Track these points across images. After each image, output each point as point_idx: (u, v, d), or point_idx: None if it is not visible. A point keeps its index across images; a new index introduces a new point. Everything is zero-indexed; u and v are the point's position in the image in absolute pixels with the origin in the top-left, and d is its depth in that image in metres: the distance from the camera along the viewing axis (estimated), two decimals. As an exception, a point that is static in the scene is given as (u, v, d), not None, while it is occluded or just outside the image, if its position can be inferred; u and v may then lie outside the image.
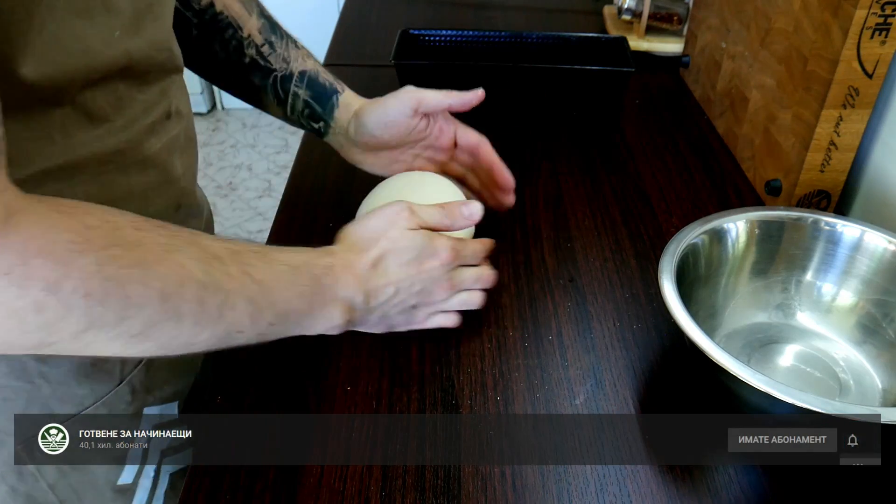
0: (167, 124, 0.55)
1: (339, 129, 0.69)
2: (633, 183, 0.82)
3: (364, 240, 0.54)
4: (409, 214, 0.55)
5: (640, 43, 1.11)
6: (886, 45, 0.64)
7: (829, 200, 0.74)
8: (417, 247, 0.54)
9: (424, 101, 0.65)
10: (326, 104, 0.69)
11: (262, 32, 0.67)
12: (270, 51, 0.67)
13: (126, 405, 0.57)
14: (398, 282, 0.54)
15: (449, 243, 0.56)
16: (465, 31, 1.00)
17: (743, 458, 0.52)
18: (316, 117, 0.69)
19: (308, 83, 0.68)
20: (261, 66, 0.67)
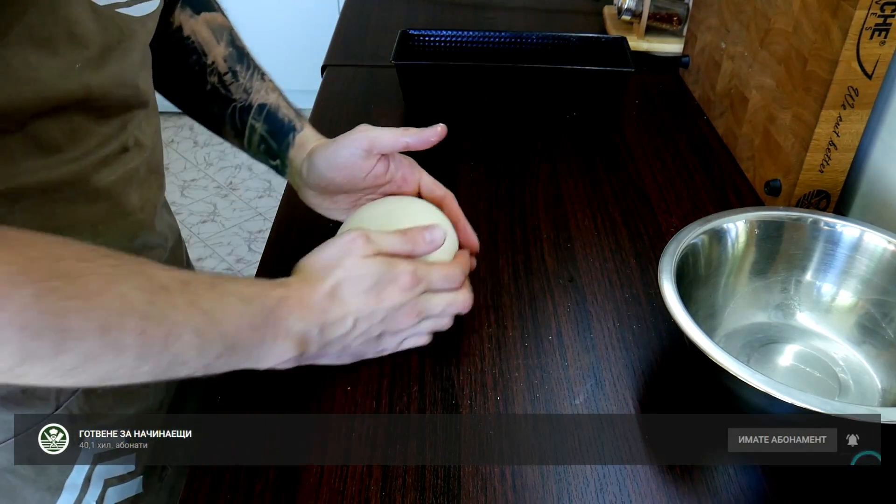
0: (124, 157, 0.53)
1: (294, 168, 0.66)
2: (633, 183, 0.82)
3: (319, 270, 0.51)
4: (363, 242, 0.52)
5: (640, 43, 1.11)
6: (886, 46, 0.64)
7: (829, 200, 0.74)
8: (374, 274, 0.52)
9: (378, 141, 0.60)
10: (283, 141, 0.66)
11: (227, 61, 0.65)
12: (232, 80, 0.65)
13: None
14: (357, 311, 0.51)
15: (409, 268, 0.53)
16: (465, 32, 1.00)
17: (743, 458, 0.52)
18: (272, 153, 0.66)
19: (266, 117, 0.66)
20: (221, 94, 0.65)
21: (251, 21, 2.64)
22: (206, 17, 0.65)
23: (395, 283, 0.52)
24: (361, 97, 0.99)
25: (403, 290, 0.53)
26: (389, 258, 0.53)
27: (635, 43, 1.10)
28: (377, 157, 0.61)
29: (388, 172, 0.62)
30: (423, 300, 0.54)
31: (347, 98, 0.99)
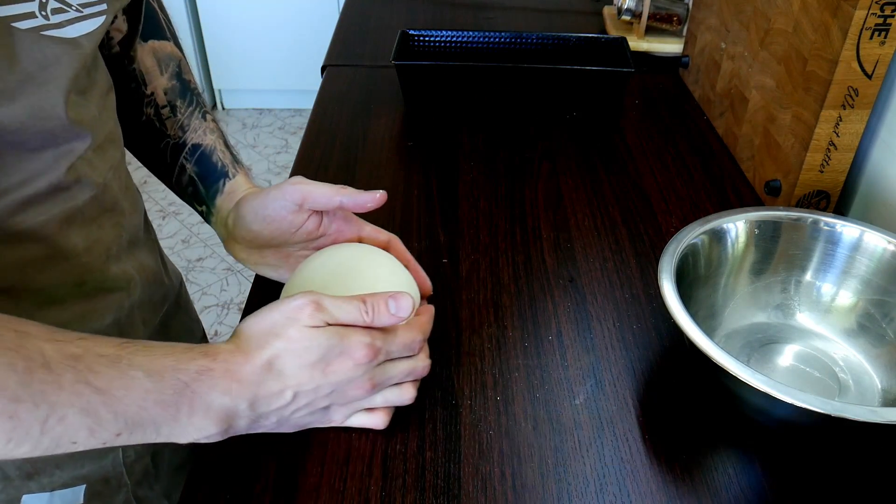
0: (63, 195, 0.48)
1: (220, 217, 0.61)
2: (633, 183, 0.82)
3: (257, 337, 0.45)
4: (312, 310, 0.46)
5: (640, 43, 1.11)
6: (886, 46, 0.64)
7: (829, 200, 0.74)
8: (322, 347, 0.46)
9: (311, 196, 0.55)
10: (212, 187, 0.61)
11: (167, 93, 0.61)
12: (170, 114, 0.61)
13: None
14: (297, 385, 0.46)
15: (365, 341, 0.47)
16: (464, 32, 1.00)
17: (743, 458, 0.52)
18: (199, 199, 0.62)
19: (198, 159, 0.61)
20: (155, 128, 0.61)
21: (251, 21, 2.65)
22: (154, 46, 0.61)
23: (347, 356, 0.47)
24: (361, 97, 0.99)
25: (357, 365, 0.47)
26: (341, 328, 0.47)
27: (635, 43, 1.10)
28: (309, 212, 0.56)
29: (320, 227, 0.58)
30: (379, 371, 0.49)
31: (347, 98, 0.99)
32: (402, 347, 0.50)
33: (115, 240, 0.55)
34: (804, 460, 0.52)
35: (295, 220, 0.56)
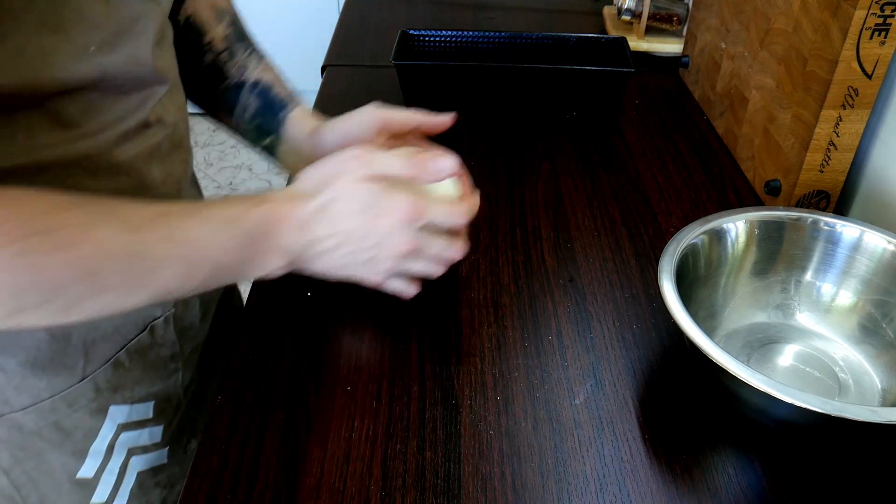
0: (145, 133, 0.54)
1: (289, 144, 0.66)
2: (632, 183, 0.82)
3: (312, 185, 0.51)
4: (362, 161, 0.51)
5: (640, 43, 1.11)
6: (886, 46, 0.64)
7: (829, 200, 0.74)
8: (367, 198, 0.50)
9: (390, 121, 0.61)
10: (275, 117, 0.66)
11: (225, 40, 0.66)
12: (228, 58, 0.66)
13: (88, 401, 0.57)
14: (346, 232, 0.51)
15: (409, 199, 0.51)
16: (464, 32, 1.00)
17: (743, 458, 0.52)
18: (264, 131, 0.67)
19: (259, 93, 0.66)
20: (216, 72, 0.66)
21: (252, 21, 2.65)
22: (210, 0, 0.66)
23: (392, 212, 0.51)
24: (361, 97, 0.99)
25: (401, 220, 0.51)
26: (389, 184, 0.51)
27: (635, 43, 1.10)
28: (387, 135, 0.62)
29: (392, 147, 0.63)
30: (421, 236, 0.53)
31: (347, 98, 0.99)
32: (443, 215, 0.53)
33: (183, 174, 0.62)
34: (804, 460, 0.52)
35: (375, 142, 0.62)
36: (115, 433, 0.60)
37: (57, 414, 0.56)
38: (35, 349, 0.53)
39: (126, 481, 0.63)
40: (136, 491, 0.64)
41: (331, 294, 0.65)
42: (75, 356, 0.55)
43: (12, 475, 0.57)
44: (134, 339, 0.59)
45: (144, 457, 0.64)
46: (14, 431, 0.55)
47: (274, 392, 0.56)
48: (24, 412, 0.55)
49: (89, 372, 0.56)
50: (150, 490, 0.65)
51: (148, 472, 0.64)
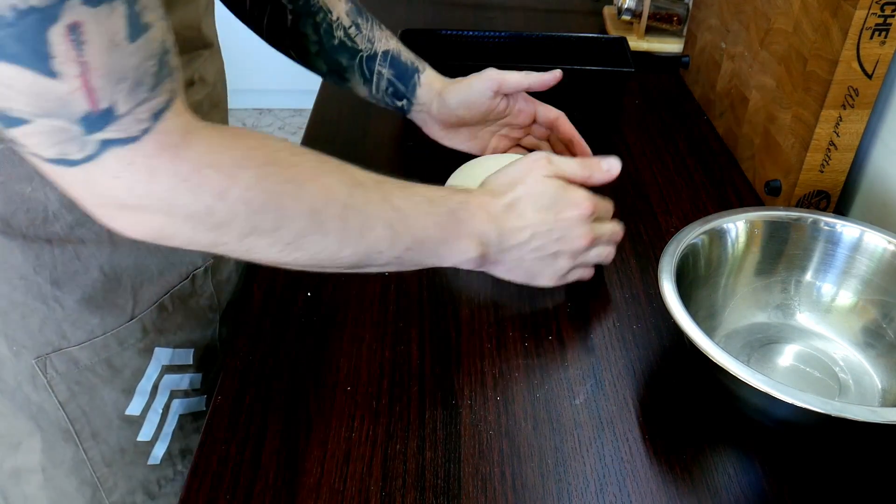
0: (189, 91, 0.58)
1: (420, 106, 0.73)
2: (632, 183, 0.82)
3: (501, 185, 0.57)
4: (545, 163, 0.57)
5: (640, 43, 1.11)
6: (886, 46, 0.64)
7: (829, 200, 0.74)
8: (553, 194, 0.57)
9: (505, 83, 0.70)
10: (409, 82, 0.72)
11: (349, 15, 0.71)
12: (357, 32, 0.71)
13: (136, 341, 0.61)
14: (534, 226, 0.56)
15: (587, 194, 0.58)
16: (464, 32, 0.99)
17: (743, 458, 0.52)
18: (399, 95, 0.73)
19: (391, 62, 0.72)
20: (348, 46, 0.71)
21: (251, 21, 2.64)
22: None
23: (574, 206, 0.57)
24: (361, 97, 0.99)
25: (581, 215, 0.58)
26: (566, 183, 0.58)
27: (635, 43, 1.10)
28: (502, 96, 0.71)
29: (507, 108, 0.72)
30: (596, 227, 0.59)
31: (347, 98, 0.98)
32: (606, 208, 0.61)
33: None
34: (804, 460, 0.52)
35: (491, 103, 0.71)
36: (159, 374, 0.64)
37: (108, 351, 0.60)
38: (91, 287, 0.57)
39: (168, 421, 0.66)
40: (177, 433, 0.67)
41: (331, 294, 0.65)
42: (125, 296, 0.59)
43: (68, 408, 0.60)
44: (178, 286, 0.63)
45: (185, 401, 0.67)
46: (70, 366, 0.59)
47: (274, 392, 0.56)
48: (79, 347, 0.58)
49: (137, 313, 0.60)
50: (189, 434, 0.69)
51: (188, 416, 0.68)
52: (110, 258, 0.57)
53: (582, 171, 0.59)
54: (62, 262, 0.55)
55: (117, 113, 0.38)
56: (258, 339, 0.61)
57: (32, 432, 0.61)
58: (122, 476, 0.65)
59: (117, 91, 0.37)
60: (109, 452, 0.64)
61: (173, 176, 0.41)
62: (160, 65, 0.39)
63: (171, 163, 0.41)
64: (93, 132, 0.38)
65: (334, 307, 0.64)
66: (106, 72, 0.37)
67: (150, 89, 0.39)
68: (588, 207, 0.58)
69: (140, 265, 0.59)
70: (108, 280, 0.58)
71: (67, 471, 0.63)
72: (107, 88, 0.37)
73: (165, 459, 0.67)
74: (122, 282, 0.59)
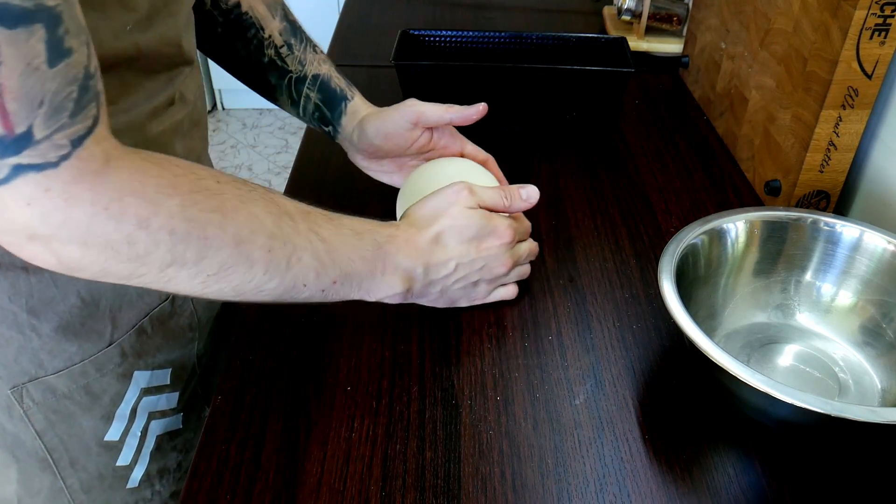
0: (170, 110, 0.57)
1: (345, 134, 0.72)
2: (632, 183, 0.82)
3: (425, 217, 0.57)
4: (468, 194, 0.58)
5: (640, 43, 1.11)
6: (886, 46, 0.64)
7: (829, 201, 0.74)
8: (476, 225, 0.57)
9: (424, 116, 0.67)
10: (335, 109, 0.71)
11: (282, 34, 0.70)
12: (288, 52, 0.70)
13: (115, 366, 0.60)
14: (459, 257, 0.57)
15: (508, 222, 0.59)
16: (465, 32, 1.00)
17: (743, 458, 0.52)
18: (325, 121, 0.72)
19: (320, 87, 0.71)
20: (278, 66, 0.70)
21: (251, 21, 2.64)
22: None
23: (496, 236, 0.59)
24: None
25: (503, 244, 0.59)
26: (488, 212, 0.59)
27: (635, 43, 1.10)
28: (422, 129, 0.68)
29: (431, 142, 0.70)
30: (515, 251, 0.61)
31: (347, 98, 0.99)
32: (525, 231, 0.64)
33: (202, 150, 0.66)
34: (804, 460, 0.52)
35: (410, 135, 0.68)
36: (137, 397, 0.63)
37: (87, 377, 0.59)
38: (68, 314, 0.56)
39: (147, 444, 0.66)
40: (154, 454, 0.67)
41: (331, 294, 0.65)
42: (104, 321, 0.58)
43: (45, 438, 0.60)
44: (157, 307, 0.62)
45: (162, 421, 0.67)
46: (48, 394, 0.58)
47: (274, 392, 0.56)
48: (56, 375, 0.58)
49: (116, 338, 0.59)
50: (167, 453, 0.68)
51: (165, 435, 0.67)
52: (88, 284, 0.56)
53: (502, 200, 0.60)
54: (38, 290, 0.54)
55: (35, 138, 0.37)
56: (258, 340, 0.61)
57: (8, 463, 0.61)
58: (100, 502, 0.65)
59: (34, 115, 0.36)
60: (88, 479, 0.63)
61: (93, 204, 0.39)
62: (82, 90, 0.38)
63: (91, 190, 0.39)
64: (6, 156, 0.37)
65: (334, 307, 0.63)
66: (22, 95, 0.36)
67: (70, 115, 0.38)
68: (509, 235, 0.59)
69: (119, 289, 0.58)
70: (87, 306, 0.57)
71: (44, 500, 0.63)
72: (22, 112, 0.36)
73: (144, 481, 0.67)
74: (101, 307, 0.58)
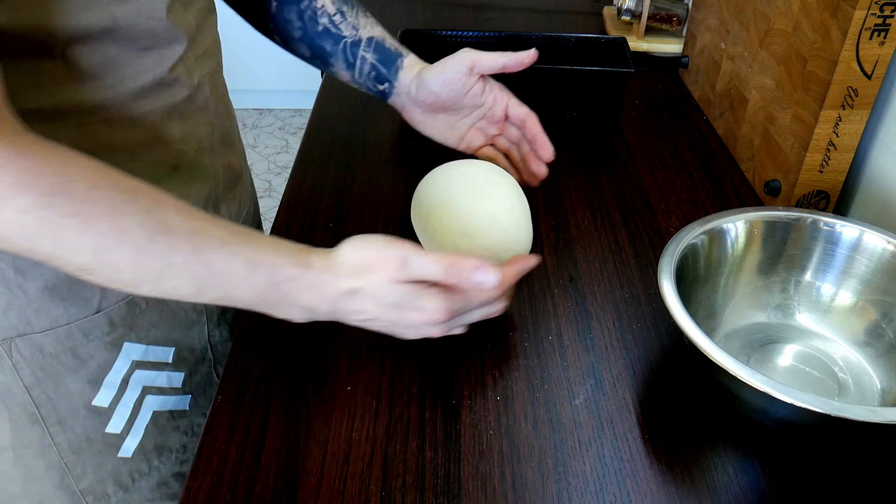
0: (163, 90, 0.57)
1: (401, 89, 0.75)
2: (632, 183, 0.82)
3: (348, 266, 0.51)
4: (397, 266, 0.50)
5: (640, 44, 1.11)
6: (885, 46, 0.64)
7: (828, 201, 0.74)
8: (398, 298, 0.51)
9: (479, 61, 0.70)
10: (391, 66, 0.74)
11: (334, 3, 0.73)
12: (342, 19, 0.73)
13: (103, 334, 0.61)
14: (375, 315, 0.52)
15: (441, 306, 0.52)
16: (464, 32, 1.00)
17: (743, 458, 0.52)
18: (381, 79, 0.75)
19: (375, 48, 0.73)
20: (332, 33, 0.73)
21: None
22: None
23: (421, 312, 0.52)
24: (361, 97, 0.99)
25: (429, 321, 0.52)
26: (421, 288, 0.51)
27: (635, 43, 1.10)
28: (477, 76, 0.71)
29: (483, 94, 0.73)
30: (453, 322, 0.54)
31: (347, 98, 0.99)
32: (480, 306, 0.55)
33: (206, 136, 0.64)
34: (804, 460, 0.52)
35: (467, 82, 0.71)
36: (129, 368, 0.63)
37: (73, 340, 0.59)
38: (54, 277, 0.56)
39: (141, 416, 0.66)
40: (150, 428, 0.67)
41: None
42: (92, 289, 0.58)
43: (33, 393, 0.61)
44: None
45: (161, 398, 0.67)
46: (35, 351, 0.59)
47: (274, 392, 0.56)
48: (43, 334, 0.58)
49: (105, 306, 0.60)
50: (168, 432, 0.69)
51: (166, 413, 0.68)
52: None
53: (445, 276, 0.51)
54: None
55: None
56: (258, 340, 0.61)
57: (1, 411, 0.62)
58: (90, 464, 0.65)
59: None
60: (76, 440, 0.64)
61: None
62: None
63: None
64: None
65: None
66: None
67: None
68: (438, 318, 0.52)
69: None
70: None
71: (35, 453, 0.64)
72: None
73: (138, 453, 0.67)
74: None
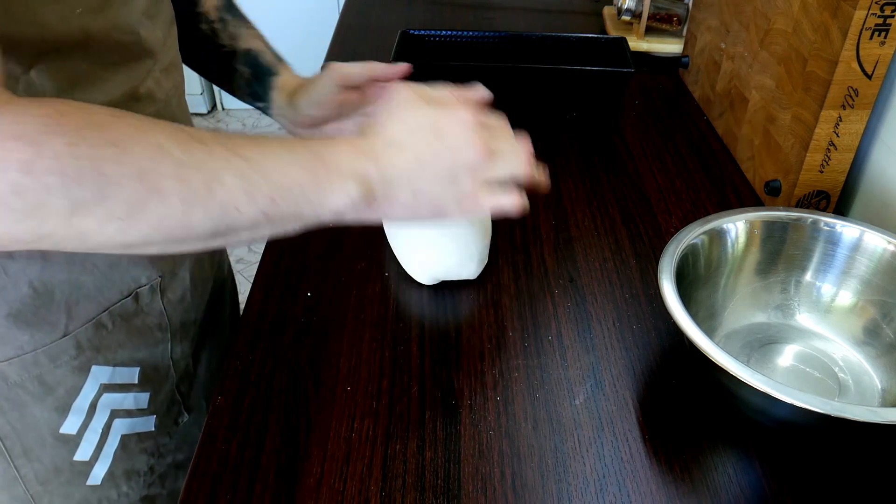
0: (132, 106, 0.55)
1: (277, 110, 0.71)
2: (632, 183, 0.82)
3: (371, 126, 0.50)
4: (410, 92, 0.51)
5: (640, 44, 1.11)
6: (885, 46, 0.64)
7: (829, 201, 0.74)
8: (428, 116, 0.50)
9: (348, 75, 0.65)
10: (265, 84, 0.70)
11: (218, 10, 0.70)
12: (221, 27, 0.70)
13: (70, 358, 0.59)
14: (418, 152, 0.49)
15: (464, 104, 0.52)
16: (465, 32, 1.00)
17: (743, 458, 0.52)
18: (256, 97, 0.71)
19: (250, 62, 0.70)
20: (211, 40, 0.70)
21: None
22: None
23: (454, 120, 0.50)
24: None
25: (465, 126, 0.50)
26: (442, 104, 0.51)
27: (635, 43, 1.10)
28: (349, 89, 0.66)
29: (362, 99, 0.67)
30: (487, 135, 0.51)
31: (347, 98, 0.99)
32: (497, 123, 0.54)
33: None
34: (804, 460, 0.52)
35: (341, 98, 0.66)
36: (97, 392, 0.62)
37: (39, 368, 0.58)
38: (19, 302, 0.55)
39: (109, 442, 0.64)
40: (119, 453, 0.65)
41: (331, 294, 0.65)
42: (58, 312, 0.57)
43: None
44: (118, 302, 0.60)
45: (129, 421, 0.65)
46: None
47: (274, 392, 0.56)
48: (7, 363, 0.56)
49: (71, 329, 0.58)
50: (135, 455, 0.67)
51: (133, 436, 0.66)
52: (41, 273, 0.55)
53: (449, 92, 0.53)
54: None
55: None
56: (258, 340, 0.61)
57: None
58: (57, 495, 0.63)
59: None
60: (43, 471, 0.62)
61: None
62: None
63: None
64: None
65: (334, 307, 0.64)
66: None
67: None
68: (469, 115, 0.50)
69: (74, 281, 0.57)
70: (39, 296, 0.55)
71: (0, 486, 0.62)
72: None
73: (107, 480, 0.65)
74: (55, 298, 0.56)
